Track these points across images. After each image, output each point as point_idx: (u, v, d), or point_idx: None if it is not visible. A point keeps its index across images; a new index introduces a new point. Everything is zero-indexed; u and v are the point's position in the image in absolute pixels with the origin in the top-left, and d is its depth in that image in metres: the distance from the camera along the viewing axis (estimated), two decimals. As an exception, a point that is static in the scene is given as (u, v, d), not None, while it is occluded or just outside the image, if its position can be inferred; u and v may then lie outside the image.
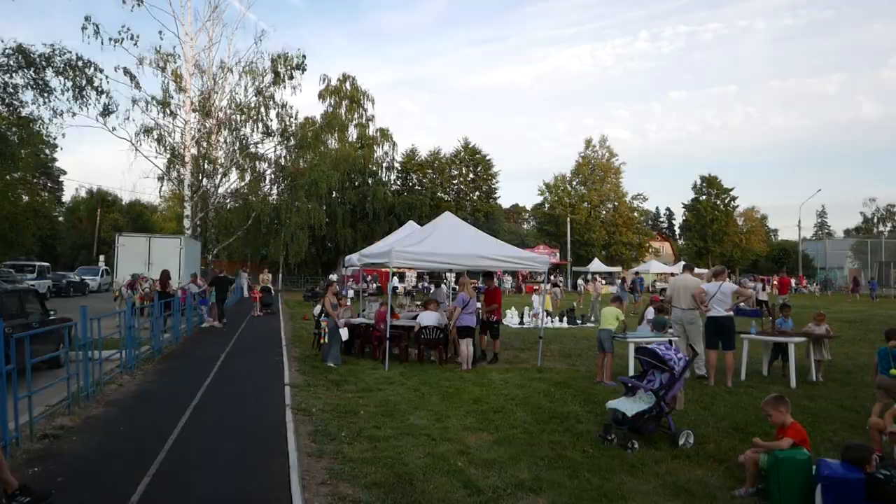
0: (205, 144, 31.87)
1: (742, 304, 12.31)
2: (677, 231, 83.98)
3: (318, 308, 12.62)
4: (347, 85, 49.41)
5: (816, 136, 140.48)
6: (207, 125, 31.66)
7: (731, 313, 9.25)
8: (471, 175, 57.49)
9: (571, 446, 5.93)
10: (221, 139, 32.66)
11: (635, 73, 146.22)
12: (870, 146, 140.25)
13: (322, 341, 11.14)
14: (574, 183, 58.44)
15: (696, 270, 10.98)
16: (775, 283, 32.06)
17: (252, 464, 5.35)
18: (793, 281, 41.50)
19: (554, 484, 4.88)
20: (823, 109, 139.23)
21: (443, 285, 17.98)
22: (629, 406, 6.03)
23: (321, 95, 48.58)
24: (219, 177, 31.95)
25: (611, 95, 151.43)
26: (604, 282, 41.14)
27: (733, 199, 65.32)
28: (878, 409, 6.09)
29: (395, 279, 36.97)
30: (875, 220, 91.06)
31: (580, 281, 31.43)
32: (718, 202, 64.70)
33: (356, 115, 50.01)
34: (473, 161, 57.04)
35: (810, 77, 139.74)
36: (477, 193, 57.53)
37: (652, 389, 6.11)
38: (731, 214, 65.70)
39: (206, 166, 30.65)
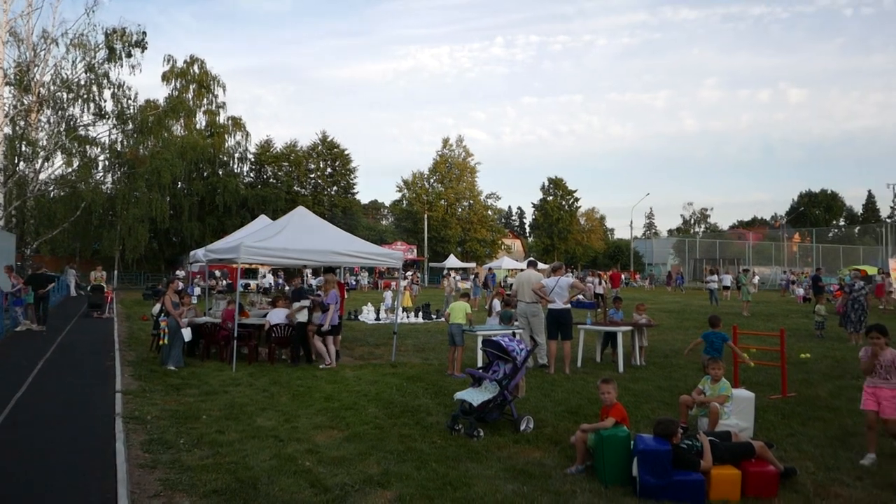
0: (22, 123, 28.14)
1: (580, 296, 13.35)
2: (528, 229, 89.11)
3: (157, 307, 11.70)
4: (196, 68, 46.21)
5: (647, 146, 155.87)
6: (26, 102, 27.98)
7: (569, 306, 10.00)
8: (329, 169, 56.51)
9: (421, 438, 6.06)
10: (43, 118, 29.05)
11: (492, 76, 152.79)
12: (689, 156, 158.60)
13: (161, 343, 10.34)
14: (432, 181, 59.60)
15: (540, 266, 11.73)
16: (607, 277, 35.10)
17: (74, 484, 4.83)
18: (623, 275, 45.78)
19: (402, 476, 4.96)
20: (653, 122, 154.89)
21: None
22: (475, 396, 6.30)
23: (165, 77, 45.00)
24: (40, 161, 28.34)
25: (469, 97, 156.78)
26: (459, 277, 42.48)
27: (576, 200, 70.51)
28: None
29: (270, 276, 35.24)
30: (692, 221, 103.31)
31: (454, 276, 32.20)
32: (564, 203, 69.48)
33: (205, 101, 46.99)
34: (332, 155, 56.09)
35: (643, 92, 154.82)
36: (335, 188, 56.68)
37: (496, 379, 6.42)
38: (575, 214, 70.89)
39: (23, 148, 27.03)
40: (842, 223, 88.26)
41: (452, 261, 48.59)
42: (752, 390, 7.57)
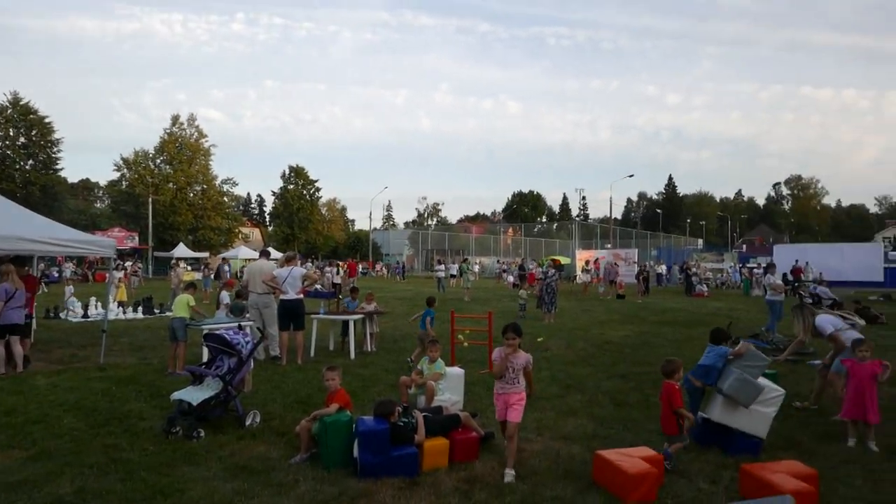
0: None
1: (318, 286, 13.40)
2: (268, 218, 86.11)
3: None
4: None
5: (387, 140, 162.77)
6: None
7: (302, 296, 9.96)
8: (22, 139, 47.29)
9: (130, 447, 5.47)
10: None
11: (232, 54, 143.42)
12: (424, 153, 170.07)
13: None
14: (158, 161, 53.82)
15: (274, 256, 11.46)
16: (345, 267, 35.93)
17: None
18: (360, 266, 47.30)
19: (101, 493, 4.42)
20: (393, 118, 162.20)
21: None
22: (195, 394, 5.91)
23: None
24: None
25: (205, 73, 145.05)
26: (189, 268, 39.24)
27: (318, 189, 70.46)
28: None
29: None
30: (426, 214, 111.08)
31: (182, 266, 29.21)
32: (305, 192, 68.82)
33: None
34: (26, 122, 47.10)
35: (384, 89, 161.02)
36: (31, 162, 47.69)
37: (219, 375, 6.10)
38: (316, 204, 70.78)
39: None
40: (544, 220, 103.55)
41: (182, 250, 44.68)
42: (466, 367, 8.47)
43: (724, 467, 5.08)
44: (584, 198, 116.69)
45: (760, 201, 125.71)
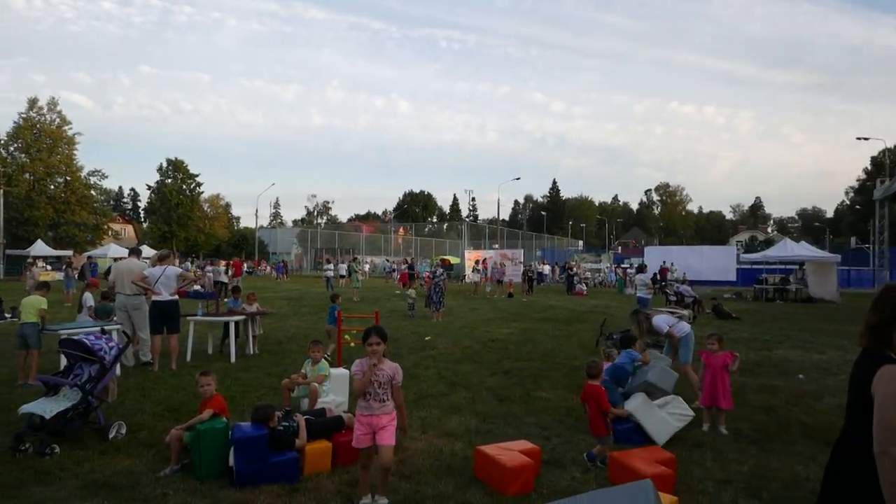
0: None
1: (197, 286, 12.68)
2: (142, 214, 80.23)
3: None
4: None
5: (275, 136, 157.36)
6: None
7: (176, 297, 9.38)
8: None
9: (-33, 468, 4.87)
10: None
11: (102, 35, 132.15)
12: (314, 150, 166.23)
13: None
14: (12, 149, 48.42)
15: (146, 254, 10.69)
16: (231, 266, 34.34)
17: None
18: (245, 265, 45.38)
19: (-72, 521, 3.90)
20: (282, 113, 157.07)
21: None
22: (48, 406, 5.37)
23: None
24: None
25: (69, 53, 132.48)
26: (48, 267, 35.76)
27: (199, 184, 66.64)
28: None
29: None
30: (315, 213, 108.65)
31: (41, 265, 26.34)
32: (185, 187, 64.88)
33: None
34: None
35: (273, 82, 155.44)
36: None
37: (78, 384, 5.59)
38: (197, 200, 66.92)
39: None
40: (435, 220, 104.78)
41: (41, 247, 40.55)
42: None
43: (599, 455, 5.39)
44: (473, 199, 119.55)
45: (634, 206, 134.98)
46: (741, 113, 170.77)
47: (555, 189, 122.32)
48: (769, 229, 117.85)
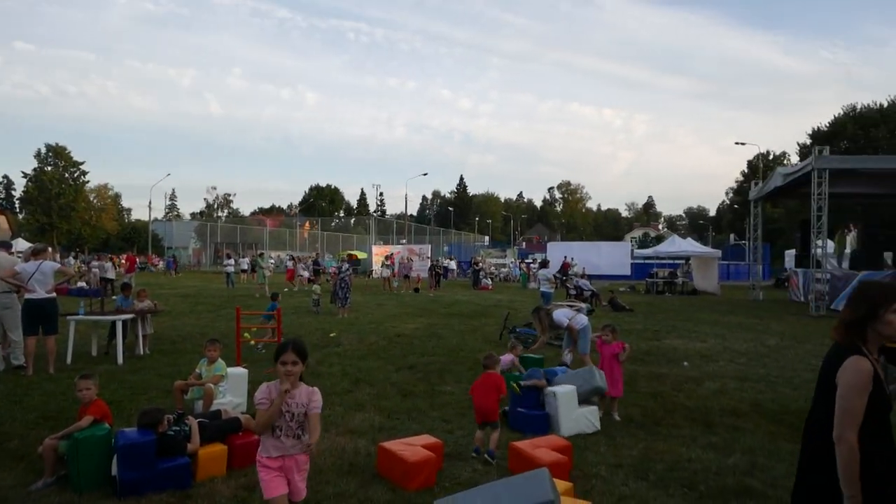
0: None
1: (82, 283, 11.75)
2: (17, 204, 73.25)
3: None
4: None
5: (171, 123, 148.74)
6: None
7: (54, 295, 8.62)
8: None
9: None
10: None
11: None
12: (215, 140, 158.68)
13: None
14: None
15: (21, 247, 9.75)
16: (124, 261, 32.22)
17: None
18: (138, 259, 42.70)
19: None
20: (179, 99, 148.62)
21: None
22: None
23: None
24: None
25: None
26: None
27: (84, 173, 61.90)
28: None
29: None
30: (216, 205, 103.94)
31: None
32: (67, 175, 59.99)
33: None
34: None
35: (169, 66, 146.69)
36: None
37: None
38: (82, 190, 62.09)
39: None
40: (342, 214, 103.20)
41: None
42: (253, 367, 8.08)
43: (498, 447, 5.51)
44: (381, 194, 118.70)
45: (538, 203, 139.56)
46: (637, 116, 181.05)
47: (462, 185, 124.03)
48: (660, 226, 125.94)
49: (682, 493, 4.55)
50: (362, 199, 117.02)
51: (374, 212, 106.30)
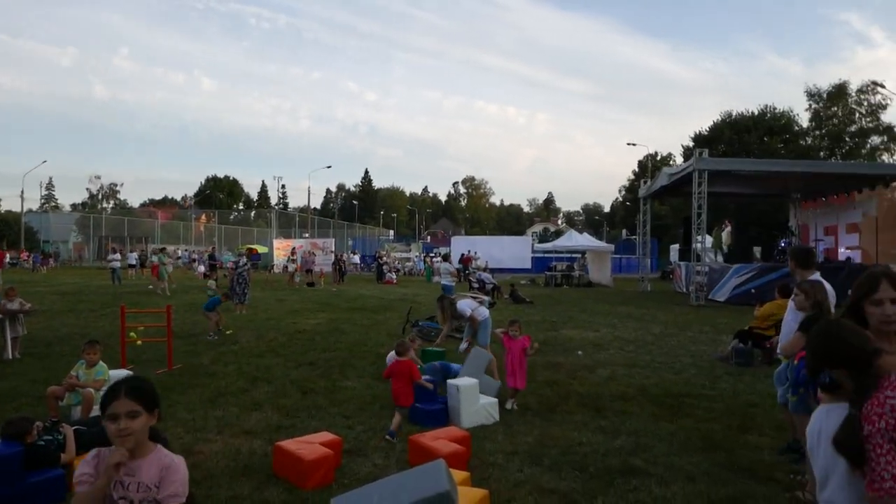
0: None
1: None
2: None
3: None
4: None
5: (47, 106, 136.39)
6: None
7: None
8: None
9: None
10: None
11: None
12: (98, 126, 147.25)
13: None
14: None
15: None
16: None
17: None
18: (8, 255, 39.00)
19: None
20: (56, 79, 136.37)
21: None
22: None
23: None
24: None
25: None
26: None
27: (-59, 158, 55.32)
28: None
29: None
30: (100, 196, 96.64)
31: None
32: (-80, 160, 53.42)
33: None
34: None
35: (44, 43, 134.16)
36: None
37: None
38: (-61, 177, 55.52)
39: None
40: (241, 207, 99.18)
41: None
42: (141, 367, 7.62)
43: (399, 430, 5.53)
44: (283, 186, 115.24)
45: (443, 197, 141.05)
46: (538, 115, 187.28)
47: (367, 179, 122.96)
48: (559, 221, 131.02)
49: (573, 476, 4.77)
50: (263, 191, 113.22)
51: (276, 205, 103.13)
